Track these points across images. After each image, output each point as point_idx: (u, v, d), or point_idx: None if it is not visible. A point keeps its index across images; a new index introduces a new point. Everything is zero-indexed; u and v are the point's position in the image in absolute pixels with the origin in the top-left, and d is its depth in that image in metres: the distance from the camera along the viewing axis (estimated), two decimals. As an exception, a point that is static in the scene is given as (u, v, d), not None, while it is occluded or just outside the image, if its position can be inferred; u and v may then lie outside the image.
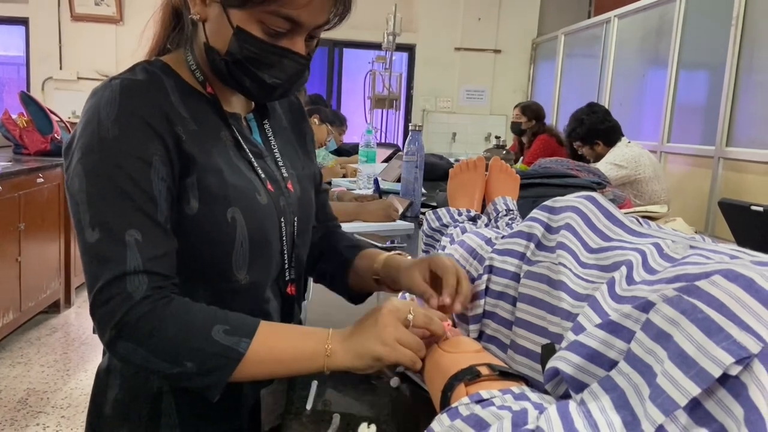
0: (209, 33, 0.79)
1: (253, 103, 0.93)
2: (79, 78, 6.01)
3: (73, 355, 3.11)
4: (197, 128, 0.79)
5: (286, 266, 0.88)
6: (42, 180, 3.35)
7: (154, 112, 0.74)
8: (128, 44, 6.03)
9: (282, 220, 0.85)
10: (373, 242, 1.27)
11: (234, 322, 0.71)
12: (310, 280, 1.11)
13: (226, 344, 0.69)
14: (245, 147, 0.84)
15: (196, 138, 0.77)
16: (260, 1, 0.72)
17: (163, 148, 0.73)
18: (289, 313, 0.91)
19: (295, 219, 0.89)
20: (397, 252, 0.98)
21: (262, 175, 0.85)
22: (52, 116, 3.81)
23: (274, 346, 0.71)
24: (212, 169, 0.77)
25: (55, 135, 3.75)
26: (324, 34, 0.84)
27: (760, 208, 1.30)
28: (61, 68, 6.01)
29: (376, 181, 2.08)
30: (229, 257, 0.78)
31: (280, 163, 0.91)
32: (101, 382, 0.85)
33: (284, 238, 0.86)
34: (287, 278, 0.89)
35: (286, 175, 0.90)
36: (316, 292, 1.15)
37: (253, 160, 0.85)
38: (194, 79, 0.83)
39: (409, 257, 0.96)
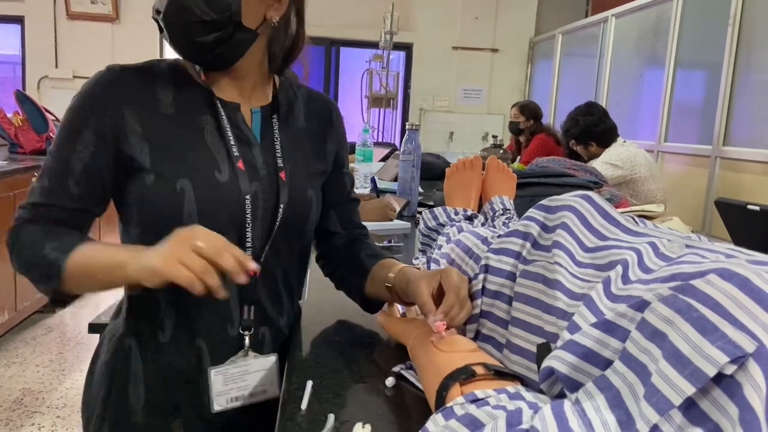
0: None
1: (270, 96, 0.97)
2: (75, 76, 6.00)
3: (69, 354, 3.10)
4: (174, 111, 0.88)
5: (248, 245, 0.90)
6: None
7: (117, 92, 0.86)
8: (124, 42, 6.03)
9: (248, 199, 0.88)
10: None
11: (64, 241, 0.84)
12: (307, 281, 1.11)
13: (51, 258, 0.82)
14: (229, 132, 0.90)
15: (163, 119, 0.87)
16: None
17: (99, 124, 0.85)
18: (251, 292, 0.92)
19: (281, 207, 0.92)
20: (416, 266, 0.97)
21: (236, 154, 0.89)
22: (48, 115, 3.80)
23: (86, 262, 0.82)
24: (168, 145, 0.87)
25: (51, 134, 3.74)
26: (321, 33, 0.85)
27: (757, 208, 1.30)
28: (56, 67, 6.00)
29: (373, 181, 2.08)
30: (178, 224, 0.81)
31: (278, 154, 0.94)
32: (96, 351, 0.98)
33: (247, 218, 0.89)
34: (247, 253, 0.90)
35: (281, 165, 0.94)
36: (312, 293, 1.15)
37: (232, 143, 0.90)
38: (195, 70, 0.91)
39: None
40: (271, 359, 0.92)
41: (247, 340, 0.90)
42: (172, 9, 0.83)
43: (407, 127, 1.99)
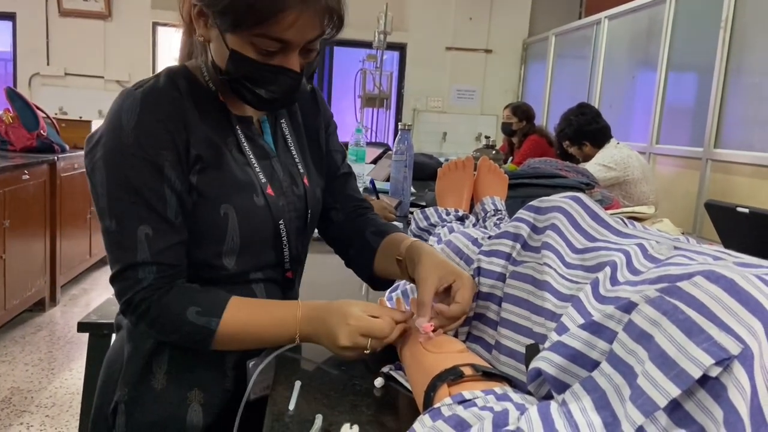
0: (213, 52, 0.86)
1: None
2: (66, 74, 5.96)
3: (58, 353, 3.08)
4: (205, 131, 0.87)
5: (286, 259, 0.96)
6: (27, 177, 3.31)
7: (169, 121, 0.83)
8: (116, 40, 5.99)
9: (281, 222, 0.92)
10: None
11: (205, 303, 0.83)
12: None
13: (199, 324, 0.82)
14: (248, 150, 0.92)
15: (203, 140, 0.86)
16: (249, 26, 0.78)
17: (174, 154, 0.83)
18: (290, 288, 1.00)
19: (309, 213, 0.98)
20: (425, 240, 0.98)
21: (263, 180, 0.91)
22: (39, 112, 3.77)
23: (245, 320, 0.83)
24: (212, 168, 0.86)
25: (41, 131, 3.71)
26: None
27: (746, 210, 1.31)
28: (48, 64, 5.96)
29: (372, 182, 2.08)
30: (220, 248, 0.88)
31: (297, 160, 0.99)
32: (117, 344, 0.97)
33: (283, 236, 0.93)
34: (286, 267, 0.97)
35: (302, 170, 0.98)
36: (301, 294, 1.15)
37: (254, 162, 0.91)
38: (208, 87, 0.91)
39: (433, 246, 0.96)
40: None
41: None
42: (295, 97, 0.88)
43: (400, 127, 1.99)
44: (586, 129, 3.32)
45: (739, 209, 1.32)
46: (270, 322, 0.83)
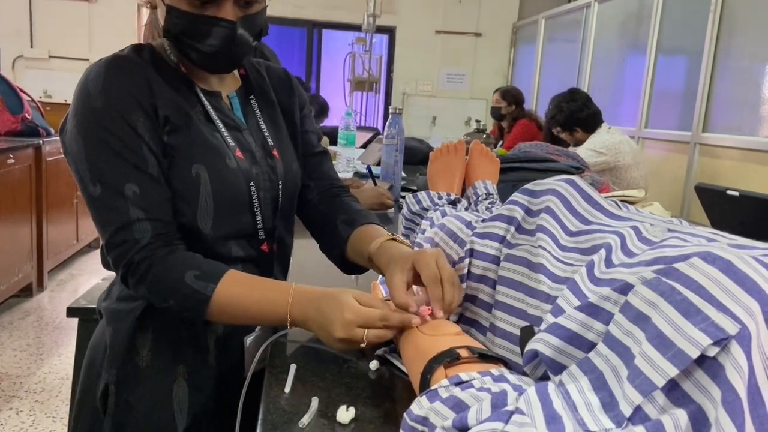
0: (160, 17, 0.89)
1: (239, 78, 1.01)
2: (50, 56, 5.85)
3: (47, 339, 3.06)
4: (171, 96, 0.88)
5: (259, 227, 0.95)
6: (13, 161, 3.27)
7: (134, 85, 0.84)
8: (100, 22, 5.89)
9: (252, 185, 0.92)
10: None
11: (205, 267, 0.82)
12: (292, 261, 1.10)
13: (195, 287, 0.80)
14: (217, 120, 0.92)
15: (170, 103, 0.87)
16: None
17: (144, 114, 0.84)
18: (267, 268, 0.98)
19: (280, 184, 0.97)
20: (392, 236, 0.94)
21: (232, 144, 0.92)
22: (23, 95, 3.71)
23: (240, 296, 0.82)
24: (182, 130, 0.87)
25: (26, 115, 3.65)
26: (303, 15, 0.86)
27: (736, 193, 1.32)
28: (32, 46, 5.85)
29: (368, 168, 2.07)
30: (195, 209, 0.87)
31: (266, 134, 0.99)
32: (99, 330, 0.97)
33: (255, 201, 0.93)
34: (260, 237, 0.96)
35: (271, 143, 0.99)
36: (295, 276, 1.14)
37: (224, 131, 0.92)
38: (171, 60, 0.93)
39: (406, 243, 0.94)
40: None
41: None
42: (235, 50, 0.88)
43: (390, 111, 1.98)
44: (578, 115, 3.33)
45: (729, 192, 1.33)
46: (262, 299, 0.82)
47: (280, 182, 0.98)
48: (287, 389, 0.73)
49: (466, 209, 1.37)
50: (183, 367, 0.92)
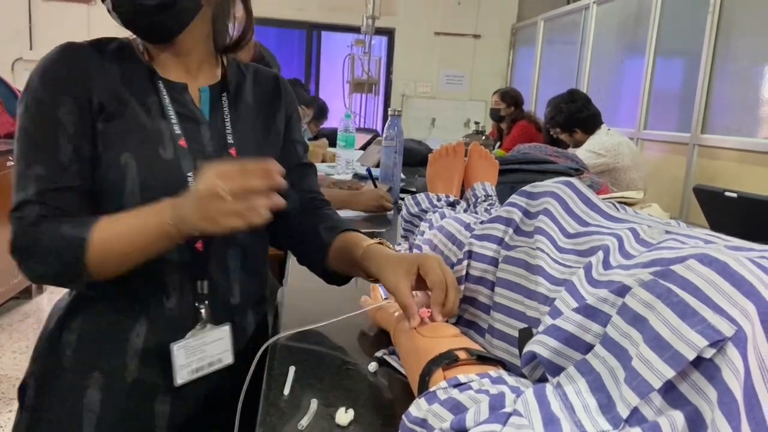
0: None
1: (219, 76, 0.98)
2: (50, 59, 5.86)
3: (47, 341, 3.06)
4: (115, 84, 0.88)
5: None
6: (12, 163, 3.27)
7: (73, 68, 0.86)
8: (100, 24, 5.89)
9: (190, 177, 0.89)
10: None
11: (79, 220, 0.82)
12: (289, 264, 1.10)
13: (72, 234, 0.80)
14: (171, 111, 0.91)
15: (108, 91, 0.87)
16: None
17: (72, 99, 0.85)
18: (201, 269, 0.92)
19: None
20: (379, 240, 0.94)
21: (177, 132, 0.90)
22: (23, 98, 3.71)
23: (115, 227, 0.81)
24: (117, 118, 0.87)
25: (26, 117, 3.65)
26: (302, 17, 0.84)
27: (734, 194, 1.32)
28: (31, 48, 5.85)
29: (368, 170, 2.08)
30: (122, 201, 0.85)
31: (228, 131, 0.96)
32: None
33: None
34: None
35: (231, 141, 0.95)
36: (293, 278, 1.15)
37: (173, 120, 0.91)
38: (139, 52, 0.92)
39: (392, 248, 0.93)
40: (225, 329, 0.93)
41: (203, 313, 0.91)
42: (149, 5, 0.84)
43: (390, 113, 1.98)
44: (577, 116, 3.33)
45: (728, 194, 1.33)
46: (138, 221, 0.81)
47: None
48: (286, 391, 0.73)
49: (465, 211, 1.37)
50: (99, 373, 0.90)
